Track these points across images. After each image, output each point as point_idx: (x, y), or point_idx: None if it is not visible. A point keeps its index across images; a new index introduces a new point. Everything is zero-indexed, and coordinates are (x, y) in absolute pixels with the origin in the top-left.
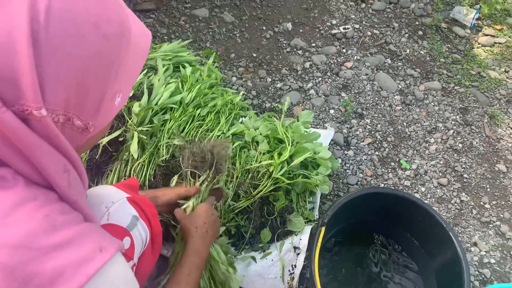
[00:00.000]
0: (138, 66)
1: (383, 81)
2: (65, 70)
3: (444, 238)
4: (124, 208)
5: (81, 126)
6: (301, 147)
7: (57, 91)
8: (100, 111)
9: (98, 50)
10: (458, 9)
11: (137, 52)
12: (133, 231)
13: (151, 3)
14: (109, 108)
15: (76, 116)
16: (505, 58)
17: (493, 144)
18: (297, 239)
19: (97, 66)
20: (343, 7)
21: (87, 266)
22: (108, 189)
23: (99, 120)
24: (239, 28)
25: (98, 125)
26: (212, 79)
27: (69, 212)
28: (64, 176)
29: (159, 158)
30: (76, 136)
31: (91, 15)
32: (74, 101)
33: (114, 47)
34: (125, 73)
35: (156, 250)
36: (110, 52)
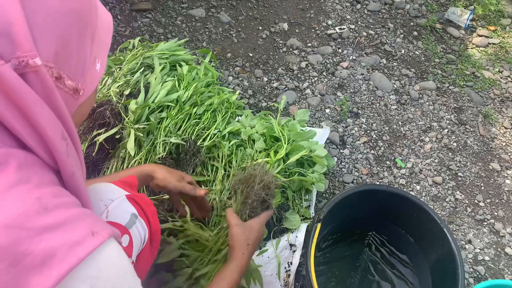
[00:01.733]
0: (107, 37)
1: (379, 81)
2: (51, 21)
3: (439, 234)
4: (123, 206)
5: (72, 86)
6: (297, 145)
7: (47, 42)
8: (86, 73)
9: (74, 6)
10: (452, 10)
11: (104, 25)
12: (132, 229)
13: (147, 3)
14: (93, 72)
15: (67, 75)
16: (499, 58)
17: (487, 143)
18: (293, 236)
19: (77, 23)
20: (338, 7)
21: (78, 249)
22: (108, 187)
23: (87, 84)
24: (236, 28)
25: (86, 89)
26: (208, 77)
27: (63, 196)
28: (63, 143)
29: (156, 156)
30: (69, 99)
31: None
32: (62, 56)
33: (86, 7)
34: (99, 39)
35: (154, 248)
36: (85, 12)
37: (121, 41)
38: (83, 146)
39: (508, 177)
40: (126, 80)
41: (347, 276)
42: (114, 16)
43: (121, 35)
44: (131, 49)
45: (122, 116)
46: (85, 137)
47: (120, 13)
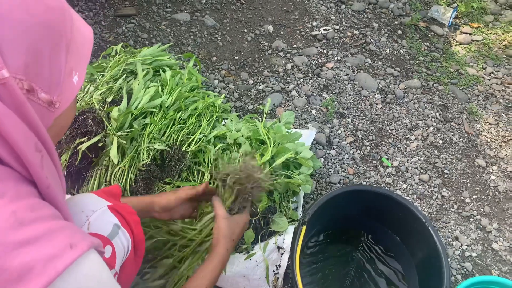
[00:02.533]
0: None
1: (364, 81)
2: (19, 33)
3: (424, 232)
4: (105, 216)
5: (46, 99)
6: (283, 147)
7: (15, 54)
8: (61, 85)
9: (45, 18)
10: (435, 8)
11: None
12: (115, 239)
13: (131, 8)
14: (69, 85)
15: (40, 88)
16: (482, 55)
17: (472, 139)
18: (280, 239)
19: (47, 34)
20: (323, 8)
21: (56, 262)
22: (89, 197)
23: (63, 97)
24: (221, 31)
25: (62, 102)
26: (192, 82)
27: (40, 208)
28: (37, 155)
29: (140, 163)
30: (44, 112)
31: None
32: (34, 68)
33: (59, 19)
34: (75, 51)
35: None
36: (57, 23)
37: (106, 47)
38: (66, 155)
39: (493, 173)
40: (109, 87)
41: (335, 276)
42: (97, 22)
43: (105, 41)
44: (114, 56)
45: (104, 123)
46: (68, 146)
47: (104, 18)
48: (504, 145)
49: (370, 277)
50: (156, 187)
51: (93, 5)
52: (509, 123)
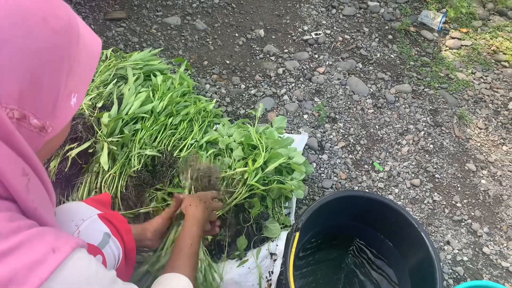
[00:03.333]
0: (90, 68)
1: (355, 85)
2: (17, 62)
3: (417, 238)
4: (95, 225)
5: (38, 125)
6: (275, 153)
7: (10, 83)
8: (57, 109)
9: (48, 43)
10: (425, 13)
11: (88, 55)
12: (105, 248)
13: (121, 12)
14: (66, 108)
15: (32, 114)
16: (472, 60)
17: (463, 144)
18: (273, 245)
19: (49, 60)
20: (314, 13)
21: (39, 269)
22: (78, 206)
23: (57, 120)
24: (212, 35)
25: (56, 125)
26: (184, 87)
27: (19, 219)
28: (22, 180)
29: (131, 169)
30: (34, 137)
31: (40, 10)
32: (28, 96)
33: (64, 41)
34: (78, 72)
35: (130, 266)
36: (61, 46)
37: None
38: (55, 162)
39: (484, 177)
40: (99, 92)
41: (328, 282)
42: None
43: None
44: (104, 60)
45: (95, 129)
46: (57, 152)
47: (93, 22)
48: (494, 149)
49: (363, 282)
50: (147, 193)
51: (83, 9)
52: (498, 128)
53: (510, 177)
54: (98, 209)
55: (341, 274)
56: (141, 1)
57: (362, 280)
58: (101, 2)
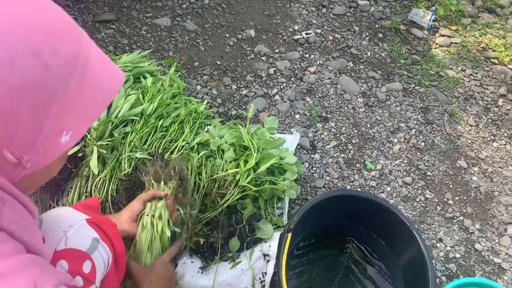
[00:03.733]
0: (97, 107)
1: (346, 84)
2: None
3: (409, 236)
4: (84, 230)
5: (12, 159)
6: (267, 153)
7: None
8: (38, 146)
9: (34, 79)
10: (415, 11)
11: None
12: (94, 254)
13: (110, 13)
14: (53, 146)
15: (5, 147)
16: (462, 57)
17: (454, 141)
18: (266, 246)
19: (32, 96)
20: (304, 12)
21: None
22: (66, 212)
23: (39, 157)
24: (202, 36)
25: (37, 162)
26: (174, 88)
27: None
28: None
29: (121, 172)
30: (9, 169)
31: (31, 42)
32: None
33: (57, 80)
34: (76, 110)
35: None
36: (52, 84)
37: None
38: None
39: (475, 174)
40: None
41: (322, 281)
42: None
43: None
44: None
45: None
46: None
47: (82, 24)
48: (484, 146)
49: (356, 280)
50: None
51: (71, 11)
52: (489, 124)
53: (500, 174)
54: (86, 214)
55: (335, 273)
56: (130, 3)
57: (356, 279)
58: (90, 4)
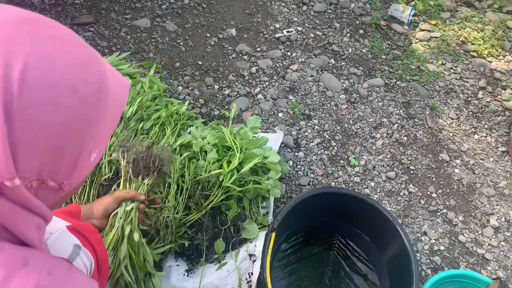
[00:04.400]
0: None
1: (328, 81)
2: (41, 138)
3: (392, 232)
4: (64, 237)
5: (55, 187)
6: (250, 153)
7: (31, 159)
8: (76, 170)
9: (75, 113)
10: (395, 7)
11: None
12: (76, 261)
13: (89, 16)
14: (85, 165)
15: (50, 178)
16: (441, 51)
17: (436, 134)
18: (252, 246)
19: (74, 129)
20: (285, 10)
21: None
22: None
23: (75, 178)
24: (183, 37)
25: (73, 182)
26: (154, 90)
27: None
28: (35, 233)
29: (102, 177)
30: (50, 195)
31: (68, 79)
32: (48, 166)
33: (91, 107)
34: (102, 129)
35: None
36: (88, 113)
37: None
38: None
39: (457, 166)
40: None
41: (308, 279)
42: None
43: None
44: None
45: None
46: None
47: None
48: (466, 139)
49: (342, 277)
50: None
51: (48, 14)
52: (469, 117)
53: (482, 165)
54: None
55: (324, 271)
56: (109, 5)
57: (342, 275)
58: (67, 6)
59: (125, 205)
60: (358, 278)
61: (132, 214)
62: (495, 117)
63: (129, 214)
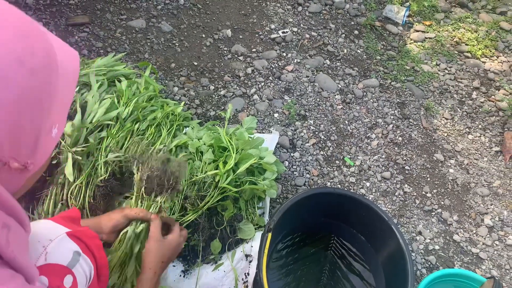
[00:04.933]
0: (70, 91)
1: (323, 82)
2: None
3: (387, 231)
4: (64, 244)
5: (19, 167)
6: (246, 153)
7: None
8: (38, 147)
9: (27, 87)
10: (389, 8)
11: (67, 79)
12: (76, 267)
13: (84, 16)
14: (47, 142)
15: (13, 159)
16: (436, 52)
17: (430, 135)
18: (248, 246)
19: (28, 104)
20: (280, 11)
21: None
22: (45, 225)
23: (38, 156)
24: (178, 37)
25: (37, 161)
26: (150, 91)
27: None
28: (2, 233)
29: (98, 178)
30: (15, 177)
31: (13, 52)
32: (7, 145)
33: (43, 80)
34: (58, 103)
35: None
36: (40, 87)
37: None
38: None
39: (451, 166)
40: None
41: (305, 280)
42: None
43: None
44: None
45: None
46: None
47: (55, 28)
48: (460, 139)
49: (338, 277)
50: (116, 202)
51: (43, 15)
52: (464, 117)
53: (476, 165)
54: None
55: (321, 271)
56: (104, 5)
57: (339, 276)
58: (62, 7)
59: (135, 225)
60: (354, 278)
61: (142, 235)
62: (489, 117)
63: (138, 235)
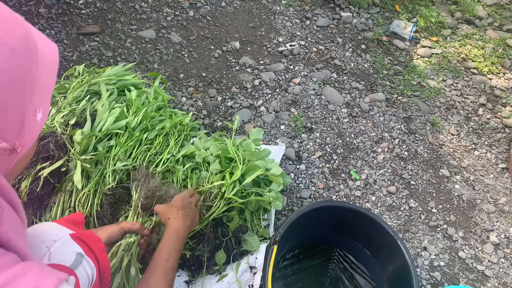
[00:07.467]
0: (51, 78)
1: (330, 95)
2: None
3: (393, 246)
4: (67, 246)
5: (8, 148)
6: (253, 165)
7: None
8: (24, 129)
9: (8, 66)
10: (396, 23)
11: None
12: (78, 269)
13: (95, 26)
14: (33, 125)
15: (1, 138)
16: (442, 67)
17: (436, 150)
18: (253, 258)
19: (11, 83)
20: (288, 24)
21: None
22: (49, 227)
23: (26, 139)
24: (187, 48)
25: (25, 144)
26: (159, 101)
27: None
28: None
29: (106, 187)
30: (5, 160)
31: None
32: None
33: (23, 61)
34: (40, 86)
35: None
36: (21, 66)
37: (68, 67)
38: (26, 182)
39: (457, 182)
40: (72, 109)
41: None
42: (60, 40)
43: (68, 60)
44: (77, 76)
45: (67, 147)
46: (28, 172)
47: (66, 37)
48: (466, 155)
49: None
50: (123, 211)
51: (55, 23)
52: (470, 133)
53: (482, 182)
54: (70, 229)
55: (323, 283)
56: (115, 15)
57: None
58: (74, 16)
59: (128, 237)
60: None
61: (133, 248)
62: (495, 134)
63: (130, 246)
